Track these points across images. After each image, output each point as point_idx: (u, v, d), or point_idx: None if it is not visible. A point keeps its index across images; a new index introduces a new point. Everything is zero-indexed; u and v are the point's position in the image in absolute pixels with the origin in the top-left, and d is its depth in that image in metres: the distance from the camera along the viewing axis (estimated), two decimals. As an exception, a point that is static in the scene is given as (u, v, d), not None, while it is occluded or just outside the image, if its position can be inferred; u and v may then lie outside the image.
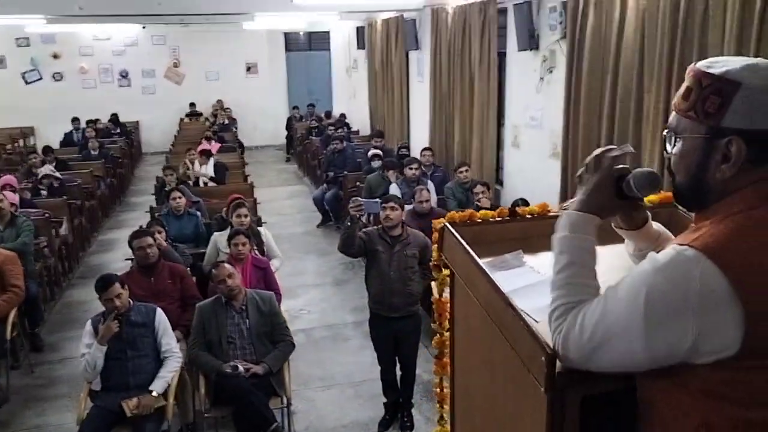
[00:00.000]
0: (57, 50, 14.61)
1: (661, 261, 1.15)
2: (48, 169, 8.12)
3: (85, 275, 7.57)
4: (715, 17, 3.92)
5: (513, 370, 1.29)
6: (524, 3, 6.24)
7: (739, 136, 1.17)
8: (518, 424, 1.31)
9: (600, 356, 1.18)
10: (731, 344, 1.10)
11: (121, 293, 3.84)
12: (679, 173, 1.29)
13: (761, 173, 1.18)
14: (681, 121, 1.26)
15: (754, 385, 1.13)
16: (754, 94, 1.16)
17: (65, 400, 4.87)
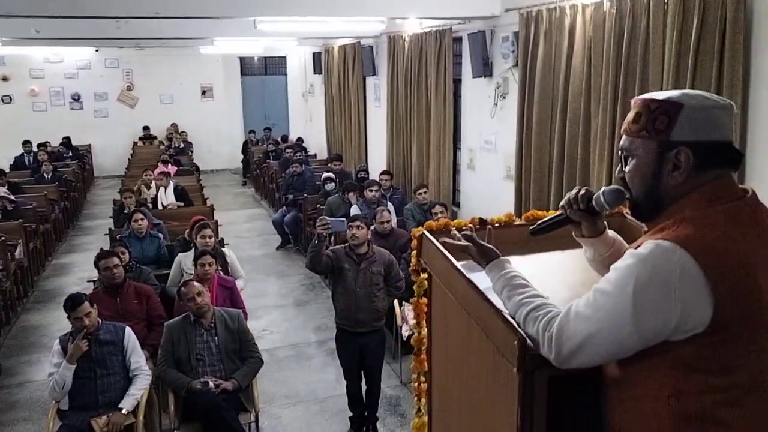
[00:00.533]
0: (6, 72, 14.36)
1: (644, 253, 1.36)
2: (2, 192, 8.00)
3: (40, 299, 7.47)
4: (655, 48, 4.26)
5: (487, 357, 1.47)
6: (478, 32, 6.56)
7: (686, 146, 1.41)
8: (493, 405, 1.48)
9: (593, 346, 1.35)
10: (703, 321, 1.31)
11: (91, 312, 3.87)
12: (635, 186, 1.52)
13: (704, 179, 1.43)
14: (633, 141, 1.50)
15: (718, 355, 1.34)
16: (695, 112, 1.41)
17: (25, 424, 4.83)
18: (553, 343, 1.37)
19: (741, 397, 1.35)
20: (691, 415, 1.36)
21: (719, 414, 1.35)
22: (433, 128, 7.84)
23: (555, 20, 5.34)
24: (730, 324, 1.32)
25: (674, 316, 1.31)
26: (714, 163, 1.43)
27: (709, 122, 1.42)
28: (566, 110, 5.27)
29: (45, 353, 5.89)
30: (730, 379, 1.35)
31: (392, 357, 5.57)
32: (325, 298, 7.19)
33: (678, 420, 1.37)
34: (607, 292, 1.37)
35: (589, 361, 1.39)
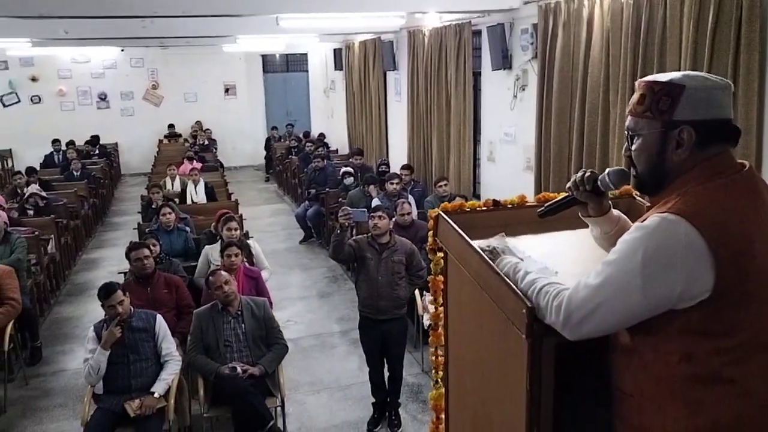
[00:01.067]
0: (35, 73, 14.69)
1: (651, 226, 1.45)
2: (34, 189, 8.24)
3: (72, 292, 7.70)
4: (671, 38, 4.30)
5: (498, 326, 1.56)
6: (497, 25, 6.62)
7: (688, 125, 1.50)
8: (504, 372, 1.58)
9: (602, 314, 1.45)
10: (707, 288, 1.41)
11: (123, 300, 4.04)
12: (641, 164, 1.61)
13: (705, 155, 1.52)
14: (638, 121, 1.59)
15: (723, 319, 1.44)
16: (696, 93, 1.51)
17: (61, 410, 5.01)
18: (562, 312, 1.46)
19: (746, 356, 1.45)
20: (700, 376, 1.45)
21: (727, 373, 1.45)
22: (453, 121, 7.92)
23: (573, 11, 5.38)
24: (731, 289, 1.41)
25: (679, 284, 1.40)
26: (714, 140, 1.52)
27: (709, 102, 1.51)
28: (585, 101, 5.32)
29: (78, 343, 6.11)
30: (735, 341, 1.44)
31: (414, 346, 5.68)
32: (347, 290, 7.32)
33: (688, 382, 1.46)
34: (616, 262, 1.46)
35: (597, 329, 1.47)
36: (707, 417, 1.45)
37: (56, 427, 4.77)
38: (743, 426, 1.45)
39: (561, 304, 1.47)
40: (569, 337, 1.46)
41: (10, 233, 5.98)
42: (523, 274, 1.58)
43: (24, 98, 14.71)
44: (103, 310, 4.16)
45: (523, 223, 1.88)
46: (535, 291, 1.53)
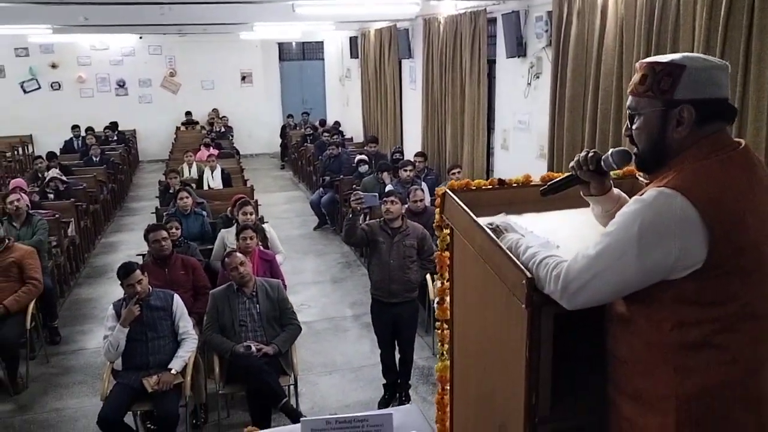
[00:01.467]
0: (55, 60, 14.87)
1: (647, 199, 1.52)
2: (55, 173, 8.41)
3: (91, 275, 7.86)
4: (685, 25, 4.31)
5: (500, 298, 1.63)
6: (512, 13, 6.63)
7: (688, 103, 1.56)
8: (505, 340, 1.65)
9: (599, 283, 1.51)
10: (701, 259, 1.47)
11: (142, 279, 4.15)
12: (642, 142, 1.67)
13: (703, 133, 1.58)
14: (640, 101, 1.65)
15: (715, 288, 1.50)
16: (696, 73, 1.56)
17: (81, 387, 5.16)
18: (561, 281, 1.53)
19: (735, 324, 1.52)
20: (690, 343, 1.52)
21: (716, 340, 1.51)
22: (467, 109, 7.95)
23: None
24: (724, 260, 1.48)
25: (673, 254, 1.47)
26: (713, 119, 1.58)
27: (708, 81, 1.56)
28: (598, 88, 5.34)
29: (97, 323, 6.26)
30: (725, 309, 1.51)
31: (425, 330, 5.76)
32: (360, 276, 7.42)
33: (679, 348, 1.53)
34: (613, 233, 1.53)
35: (593, 298, 1.54)
36: (696, 381, 1.52)
37: (76, 403, 4.91)
38: (729, 390, 1.52)
39: (560, 273, 1.53)
40: (567, 306, 1.53)
41: (32, 215, 6.13)
42: (524, 249, 1.64)
43: (44, 85, 14.92)
44: (121, 291, 4.28)
45: (527, 201, 1.94)
46: (536, 263, 1.60)
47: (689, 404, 1.52)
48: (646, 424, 1.57)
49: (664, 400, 1.54)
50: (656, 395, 1.55)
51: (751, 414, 1.54)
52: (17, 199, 5.97)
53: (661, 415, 1.54)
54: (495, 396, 1.75)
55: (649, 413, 1.56)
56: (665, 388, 1.54)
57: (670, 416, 1.53)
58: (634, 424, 1.60)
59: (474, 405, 1.89)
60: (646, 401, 1.57)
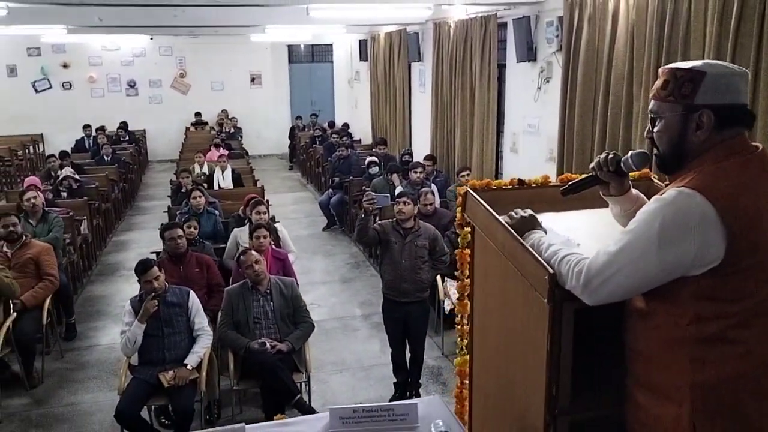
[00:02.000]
0: (67, 60, 15.00)
1: (668, 198, 1.59)
2: (68, 171, 8.50)
3: (103, 272, 7.95)
4: (696, 32, 4.37)
5: (522, 293, 1.70)
6: (523, 17, 6.70)
7: (708, 108, 1.63)
8: (526, 336, 1.72)
9: (620, 279, 1.58)
10: (719, 256, 1.54)
11: (159, 275, 4.23)
12: (663, 145, 1.74)
13: (722, 137, 1.65)
14: (662, 105, 1.73)
15: (731, 285, 1.57)
16: (716, 79, 1.64)
17: (96, 381, 5.24)
18: (582, 277, 1.60)
19: (750, 319, 1.59)
20: (707, 337, 1.59)
21: (731, 335, 1.58)
22: (476, 112, 8.01)
23: (599, 4, 5.46)
24: (741, 258, 1.55)
25: (693, 251, 1.54)
26: (731, 123, 1.65)
27: (728, 87, 1.64)
28: (609, 93, 5.40)
29: (110, 320, 6.36)
30: (741, 305, 1.58)
31: (435, 331, 5.82)
32: (369, 276, 7.48)
33: (695, 342, 1.60)
34: (634, 231, 1.60)
35: (614, 294, 1.61)
36: (710, 373, 1.59)
37: (91, 398, 4.99)
38: (741, 382, 1.59)
39: (582, 270, 1.60)
40: (588, 301, 1.59)
41: (48, 213, 6.23)
42: (547, 246, 1.71)
43: (55, 84, 15.05)
44: (136, 288, 4.36)
45: (546, 201, 2.01)
46: (557, 260, 1.66)
47: (703, 395, 1.59)
48: (661, 413, 1.63)
49: (679, 391, 1.61)
50: (672, 386, 1.62)
51: (763, 405, 1.61)
52: (34, 197, 6.07)
53: (676, 405, 1.61)
54: (515, 389, 1.81)
55: (664, 403, 1.63)
56: (680, 380, 1.61)
57: (685, 406, 1.60)
58: (649, 414, 1.66)
59: (493, 398, 1.95)
60: (662, 392, 1.64)
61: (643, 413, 1.68)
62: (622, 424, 1.72)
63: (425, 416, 1.76)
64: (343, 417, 1.77)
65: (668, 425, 1.64)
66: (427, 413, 1.78)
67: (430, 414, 1.77)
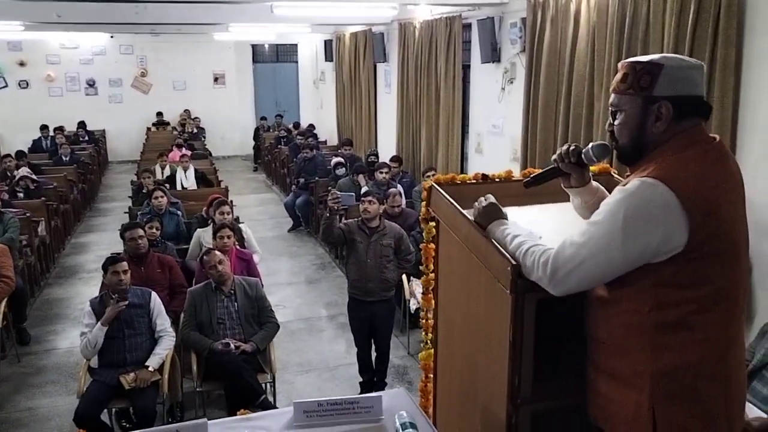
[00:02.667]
0: (23, 58, 14.61)
1: (631, 188, 1.62)
2: (25, 171, 8.29)
3: (62, 275, 7.76)
4: (654, 33, 4.46)
5: (485, 285, 1.71)
6: (487, 18, 6.76)
7: (666, 100, 1.67)
8: (490, 326, 1.73)
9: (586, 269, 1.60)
10: (681, 243, 1.58)
11: (127, 270, 4.15)
12: (623, 137, 1.78)
13: (680, 128, 1.69)
14: (621, 98, 1.76)
15: (693, 272, 1.61)
16: (673, 71, 1.68)
17: (54, 386, 5.11)
18: (549, 268, 1.62)
19: (709, 306, 1.63)
20: (668, 323, 1.63)
21: (691, 321, 1.63)
22: (442, 113, 8.06)
23: (561, 6, 5.54)
24: (702, 245, 1.59)
25: (656, 239, 1.57)
26: (689, 114, 1.69)
27: (685, 80, 1.68)
28: (571, 93, 5.48)
29: (68, 324, 6.21)
30: (701, 292, 1.62)
31: (400, 330, 5.83)
32: (335, 277, 7.46)
33: (656, 328, 1.64)
34: (599, 222, 1.63)
35: (580, 284, 1.64)
36: (670, 359, 1.62)
37: (49, 402, 4.86)
38: (700, 367, 1.63)
39: (547, 261, 1.62)
40: (554, 292, 1.61)
41: (3, 213, 6.06)
42: (511, 238, 1.73)
43: (11, 83, 14.64)
44: (96, 290, 4.26)
45: (510, 195, 2.03)
46: (522, 252, 1.68)
47: (663, 381, 1.62)
48: (623, 400, 1.67)
49: (639, 377, 1.64)
50: (632, 373, 1.65)
51: (720, 389, 1.65)
52: (-12, 197, 5.89)
53: (636, 391, 1.64)
54: (478, 380, 1.82)
55: (625, 390, 1.66)
56: (641, 366, 1.64)
57: (645, 392, 1.63)
58: (611, 401, 1.69)
59: (457, 390, 1.96)
60: (623, 379, 1.67)
61: (605, 400, 1.71)
62: (584, 412, 1.75)
63: (390, 408, 1.76)
64: (308, 410, 1.76)
65: (629, 412, 1.67)
66: (391, 405, 1.78)
67: (395, 406, 1.77)
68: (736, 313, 1.69)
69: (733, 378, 1.69)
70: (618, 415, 1.70)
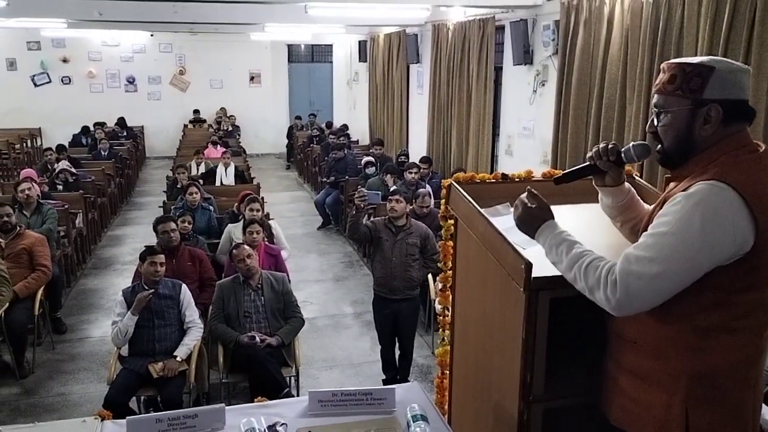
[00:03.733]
0: (66, 55, 15.03)
1: (701, 193, 1.57)
2: (64, 164, 8.53)
3: (97, 266, 7.97)
4: (688, 38, 4.42)
5: (500, 282, 1.73)
6: (520, 21, 6.75)
7: (716, 103, 1.65)
8: (504, 323, 1.75)
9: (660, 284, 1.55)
10: (747, 249, 1.56)
11: (164, 263, 4.27)
12: (668, 139, 1.74)
13: (728, 132, 1.67)
14: (668, 99, 1.73)
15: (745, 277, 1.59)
16: (724, 74, 1.66)
17: (86, 373, 5.26)
18: (618, 286, 1.56)
19: (751, 311, 1.61)
20: (711, 327, 1.61)
21: (734, 325, 1.61)
22: (473, 114, 8.06)
23: (594, 9, 5.50)
24: (761, 250, 1.57)
25: (735, 243, 1.55)
26: (736, 119, 1.67)
27: (735, 83, 1.66)
28: (602, 97, 5.44)
29: (102, 313, 6.37)
30: (748, 297, 1.60)
31: (425, 330, 5.85)
32: (362, 275, 7.51)
33: (700, 331, 1.62)
34: (672, 233, 1.57)
35: (654, 300, 1.58)
36: (708, 363, 1.62)
37: (80, 389, 5.01)
38: (735, 371, 1.63)
39: (615, 279, 1.57)
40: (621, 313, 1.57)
41: (42, 204, 6.25)
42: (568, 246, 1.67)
43: (55, 79, 15.07)
44: (129, 281, 4.39)
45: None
46: (583, 265, 1.62)
47: (699, 384, 1.61)
48: (651, 401, 1.65)
49: (674, 379, 1.63)
50: (665, 374, 1.64)
51: (750, 394, 1.65)
52: (28, 188, 6.09)
53: (669, 393, 1.63)
54: (492, 377, 1.84)
55: (655, 391, 1.65)
56: (676, 369, 1.63)
57: (678, 395, 1.62)
58: (636, 402, 1.68)
59: (472, 387, 1.99)
60: (654, 380, 1.65)
61: (629, 401, 1.70)
62: (597, 411, 1.75)
63: (403, 401, 1.79)
64: (322, 400, 1.81)
65: (658, 414, 1.66)
66: (404, 398, 1.81)
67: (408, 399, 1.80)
68: None
69: (760, 383, 1.69)
70: (644, 417, 1.68)
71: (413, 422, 1.68)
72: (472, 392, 1.99)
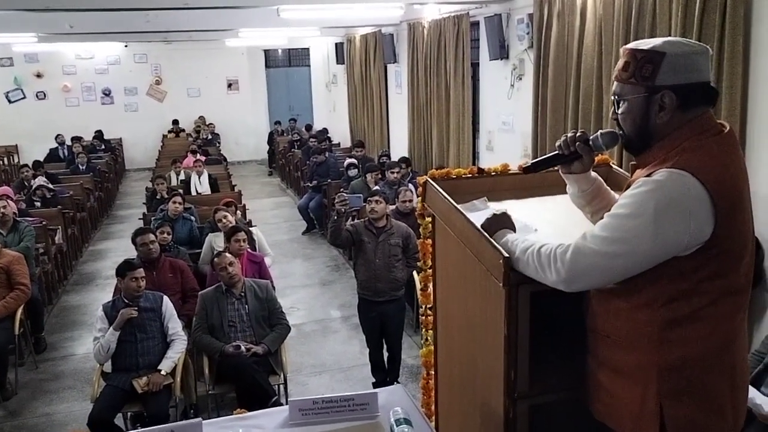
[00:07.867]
0: (40, 69, 14.83)
1: (660, 180, 1.55)
2: (41, 181, 8.41)
3: (79, 282, 7.85)
4: (661, 24, 4.41)
5: (480, 278, 1.70)
6: (494, 16, 6.73)
7: (669, 89, 1.61)
8: (485, 320, 1.71)
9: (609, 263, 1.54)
10: (706, 237, 1.53)
11: (144, 276, 4.19)
12: (627, 126, 1.73)
13: (688, 116, 1.64)
14: (624, 87, 1.70)
15: (709, 265, 1.56)
16: (676, 59, 1.61)
17: (71, 392, 5.16)
18: (569, 259, 1.55)
19: (719, 298, 1.59)
20: (679, 317, 1.59)
21: (701, 314, 1.58)
22: (452, 112, 8.04)
23: (567, 1, 5.50)
24: (724, 239, 1.54)
25: (688, 233, 1.52)
26: (695, 102, 1.64)
27: (688, 67, 1.62)
28: (579, 87, 5.43)
29: (85, 330, 6.27)
30: (714, 284, 1.58)
31: (413, 330, 5.81)
32: (349, 278, 7.45)
33: (667, 323, 1.60)
34: (627, 215, 1.56)
35: (601, 280, 1.58)
36: (678, 353, 1.59)
37: (65, 408, 4.91)
38: (707, 360, 1.60)
39: (565, 253, 1.57)
40: (568, 288, 1.56)
41: (19, 222, 6.14)
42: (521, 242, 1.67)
43: (29, 94, 14.87)
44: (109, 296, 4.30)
45: (505, 189, 2.01)
46: (534, 250, 1.62)
47: (670, 375, 1.59)
48: (627, 395, 1.63)
49: (645, 372, 1.60)
50: (638, 368, 1.62)
51: (726, 381, 1.62)
52: (4, 206, 5.98)
53: (642, 386, 1.60)
54: (477, 375, 1.81)
55: (630, 385, 1.62)
56: (647, 361, 1.60)
57: (652, 387, 1.59)
58: (614, 396, 1.66)
59: (457, 386, 1.95)
60: (628, 374, 1.63)
61: (608, 395, 1.68)
62: (582, 405, 1.72)
63: (386, 405, 1.75)
64: (303, 409, 1.76)
65: (635, 407, 1.64)
66: (388, 402, 1.77)
67: (392, 403, 1.75)
68: (744, 303, 1.65)
69: (738, 366, 1.66)
70: (622, 410, 1.67)
71: (396, 426, 1.63)
72: (458, 391, 1.95)
